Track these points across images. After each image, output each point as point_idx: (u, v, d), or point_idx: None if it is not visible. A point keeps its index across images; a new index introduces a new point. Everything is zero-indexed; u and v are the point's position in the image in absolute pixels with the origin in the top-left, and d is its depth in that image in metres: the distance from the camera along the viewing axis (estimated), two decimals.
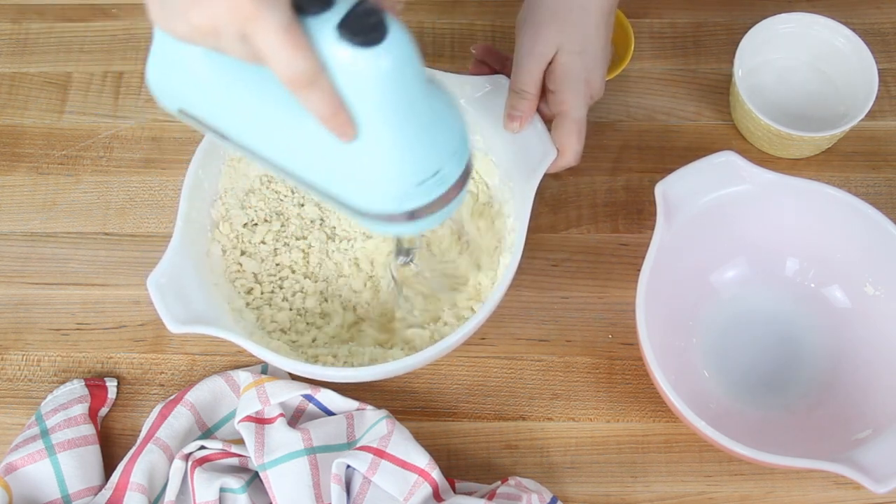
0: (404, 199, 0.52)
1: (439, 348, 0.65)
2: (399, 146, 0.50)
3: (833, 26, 0.82)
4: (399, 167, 0.51)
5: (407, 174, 0.52)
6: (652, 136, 0.84)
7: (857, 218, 0.71)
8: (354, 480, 0.66)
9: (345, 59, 0.47)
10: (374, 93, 0.48)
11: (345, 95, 0.49)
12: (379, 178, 0.52)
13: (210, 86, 0.53)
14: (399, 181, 0.52)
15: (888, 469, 0.62)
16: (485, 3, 0.90)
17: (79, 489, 0.68)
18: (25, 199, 0.82)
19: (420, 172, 0.52)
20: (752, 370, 0.74)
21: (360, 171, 0.52)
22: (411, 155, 0.51)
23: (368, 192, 0.53)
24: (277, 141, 0.54)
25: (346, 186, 0.53)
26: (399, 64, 0.48)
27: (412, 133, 0.50)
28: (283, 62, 0.47)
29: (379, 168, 0.51)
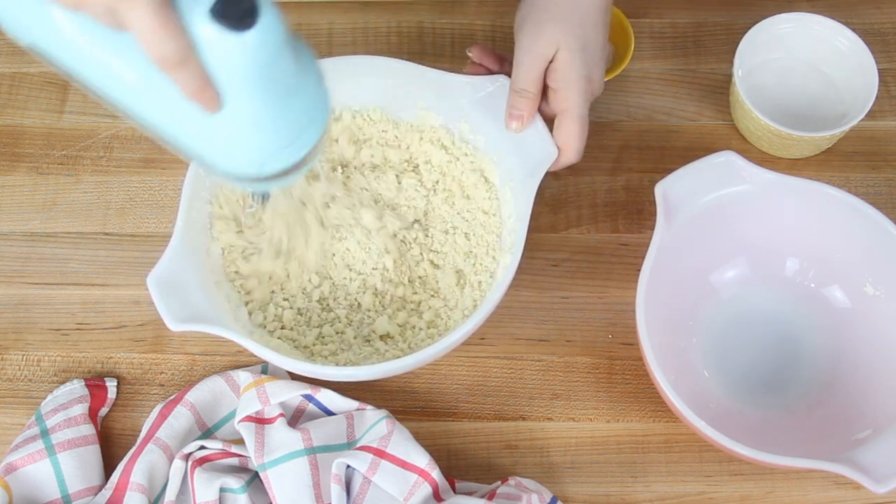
0: (265, 163, 0.55)
1: (439, 348, 0.65)
2: (261, 120, 0.53)
3: (833, 26, 0.82)
4: (260, 135, 0.54)
5: (268, 141, 0.54)
6: (652, 136, 0.84)
7: (857, 218, 0.71)
8: (354, 480, 0.66)
9: (215, 40, 0.49)
10: (241, 71, 0.50)
11: (212, 70, 0.50)
12: (239, 143, 0.54)
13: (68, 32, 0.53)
14: (259, 148, 0.54)
15: (888, 469, 0.62)
16: (485, 3, 0.90)
17: (79, 489, 0.68)
18: (25, 199, 0.82)
19: (279, 142, 0.55)
20: (752, 370, 0.74)
21: (220, 136, 0.54)
22: (272, 125, 0.54)
23: (227, 155, 0.55)
24: (140, 97, 0.54)
25: (209, 148, 0.55)
26: (267, 47, 0.50)
27: (274, 107, 0.53)
28: (153, 42, 0.48)
29: (241, 137, 0.54)
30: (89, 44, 0.53)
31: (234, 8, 0.48)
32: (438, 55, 0.88)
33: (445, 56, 0.88)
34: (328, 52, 0.87)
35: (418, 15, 0.90)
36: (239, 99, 0.51)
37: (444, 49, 0.88)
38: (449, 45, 0.88)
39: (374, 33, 0.89)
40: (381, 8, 0.90)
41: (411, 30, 0.89)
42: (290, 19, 0.51)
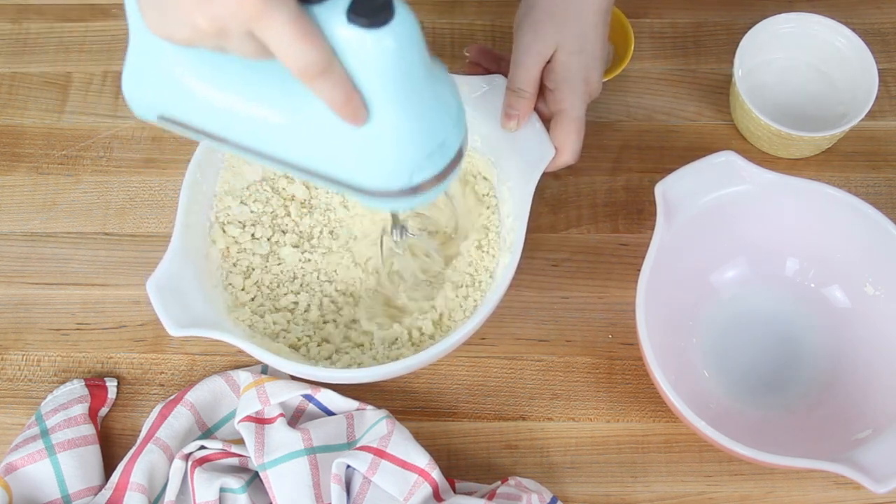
0: (414, 172, 0.54)
1: (439, 349, 0.65)
2: (408, 122, 0.52)
3: (833, 26, 0.82)
4: (409, 142, 0.53)
5: (416, 147, 0.53)
6: (652, 136, 0.84)
7: (857, 218, 0.71)
8: (354, 480, 0.66)
9: (354, 41, 0.48)
10: (384, 72, 0.50)
11: (355, 78, 0.50)
12: (389, 154, 0.53)
13: (197, 88, 0.54)
14: (409, 155, 0.53)
15: (888, 469, 0.62)
16: (485, 3, 0.90)
17: (79, 489, 0.68)
18: (25, 199, 0.82)
19: (428, 144, 0.53)
20: (752, 370, 0.74)
21: (369, 151, 0.53)
22: (419, 128, 0.53)
23: (377, 171, 0.54)
24: (274, 133, 0.54)
25: (353, 168, 0.54)
26: (406, 43, 0.49)
27: (419, 107, 0.52)
28: (295, 54, 0.47)
29: (389, 145, 0.53)
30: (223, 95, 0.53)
31: (369, 5, 0.48)
32: (438, 55, 0.87)
33: (445, 56, 0.88)
34: None
35: (418, 15, 0.88)
36: (383, 104, 0.51)
37: (443, 49, 0.88)
38: (449, 45, 0.88)
39: None
40: None
41: None
42: None
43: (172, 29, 0.49)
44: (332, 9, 0.48)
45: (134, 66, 0.55)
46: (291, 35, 0.47)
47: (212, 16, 0.47)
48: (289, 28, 0.46)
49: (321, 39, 0.48)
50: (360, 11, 0.48)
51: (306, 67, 0.48)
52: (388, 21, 0.48)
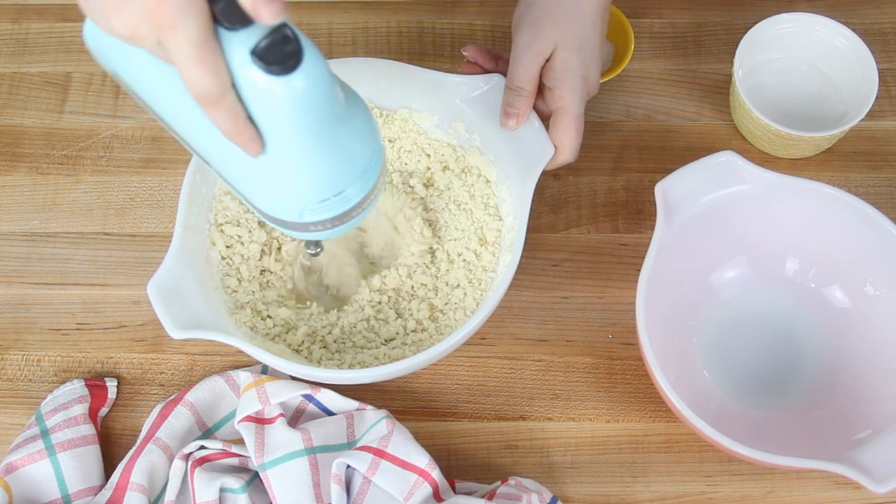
0: (304, 212, 0.54)
1: (440, 349, 0.65)
2: (303, 166, 0.52)
3: (833, 26, 0.82)
4: (302, 185, 0.53)
5: (308, 192, 0.53)
6: (652, 136, 0.84)
7: (857, 218, 0.71)
8: (354, 480, 0.66)
9: (256, 82, 0.48)
10: (284, 115, 0.49)
11: (254, 112, 0.49)
12: (282, 190, 0.54)
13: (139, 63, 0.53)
14: (301, 197, 0.54)
15: (888, 469, 0.62)
16: (485, 3, 0.90)
17: (79, 489, 0.68)
18: (25, 199, 0.82)
19: (322, 192, 0.54)
20: (752, 370, 0.74)
21: (266, 180, 0.53)
22: (314, 175, 0.53)
23: (272, 200, 0.55)
24: (196, 131, 0.54)
25: (254, 190, 0.55)
26: (310, 91, 0.49)
27: (317, 155, 0.52)
28: (191, 77, 0.48)
29: (283, 182, 0.53)
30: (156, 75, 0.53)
31: (276, 50, 0.47)
32: (438, 55, 0.88)
33: (445, 56, 0.88)
34: (328, 52, 0.87)
35: (418, 15, 0.90)
36: (281, 143, 0.51)
37: (443, 49, 0.88)
38: (449, 45, 0.88)
39: (373, 33, 0.89)
40: (381, 8, 0.90)
41: (411, 30, 0.89)
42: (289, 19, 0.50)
43: (97, 19, 0.50)
44: (240, 43, 0.47)
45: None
46: (191, 57, 0.47)
47: (125, 21, 0.48)
48: (190, 50, 0.47)
49: (220, 68, 0.48)
50: (267, 57, 0.47)
51: (199, 93, 0.48)
52: (294, 69, 0.48)
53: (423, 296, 0.74)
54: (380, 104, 0.78)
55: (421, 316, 0.73)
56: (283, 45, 0.47)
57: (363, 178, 0.55)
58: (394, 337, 0.73)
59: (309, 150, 0.51)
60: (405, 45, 0.89)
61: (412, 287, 0.74)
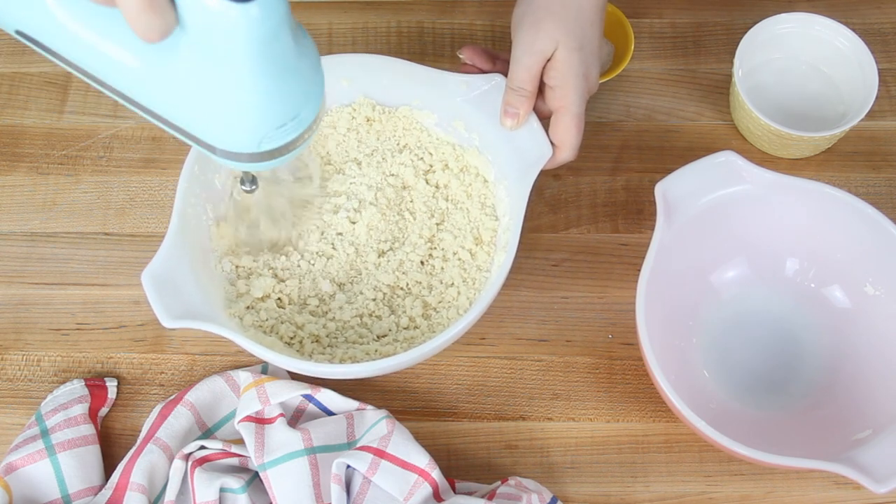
0: (263, 140, 0.54)
1: (430, 347, 0.65)
2: (263, 93, 0.52)
3: (833, 26, 0.82)
4: (262, 113, 0.53)
5: (269, 119, 0.53)
6: (652, 136, 0.84)
7: (857, 218, 0.71)
8: (354, 480, 0.66)
9: (217, 10, 0.48)
10: (243, 43, 0.49)
11: (214, 42, 0.49)
12: (240, 120, 0.53)
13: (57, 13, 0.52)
14: (261, 125, 0.54)
15: (888, 469, 0.62)
16: (485, 3, 0.90)
17: (79, 489, 0.68)
18: (25, 199, 0.82)
19: (281, 117, 0.54)
20: (752, 370, 0.74)
21: (221, 113, 0.53)
22: (275, 101, 0.53)
23: (227, 133, 0.54)
24: (129, 74, 0.54)
25: (204, 125, 0.55)
26: (269, 18, 0.49)
27: (276, 81, 0.52)
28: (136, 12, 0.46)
29: (240, 111, 0.53)
30: (82, 26, 0.52)
31: None
32: (438, 55, 0.88)
33: (445, 56, 0.88)
34: (328, 51, 0.87)
35: (418, 15, 0.90)
36: (239, 72, 0.51)
37: (443, 49, 0.88)
38: (449, 45, 0.89)
39: (374, 33, 0.89)
40: (381, 8, 0.90)
41: (411, 30, 0.89)
42: None
43: None
44: None
45: None
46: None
47: None
48: None
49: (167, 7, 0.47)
50: None
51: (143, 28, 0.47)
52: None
53: (416, 293, 0.74)
54: (381, 101, 0.79)
55: (414, 313, 0.73)
56: None
57: (314, 99, 0.55)
58: (386, 333, 0.73)
59: (268, 75, 0.51)
60: (405, 45, 0.89)
61: (406, 284, 0.74)
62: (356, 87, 0.78)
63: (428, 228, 0.76)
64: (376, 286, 0.74)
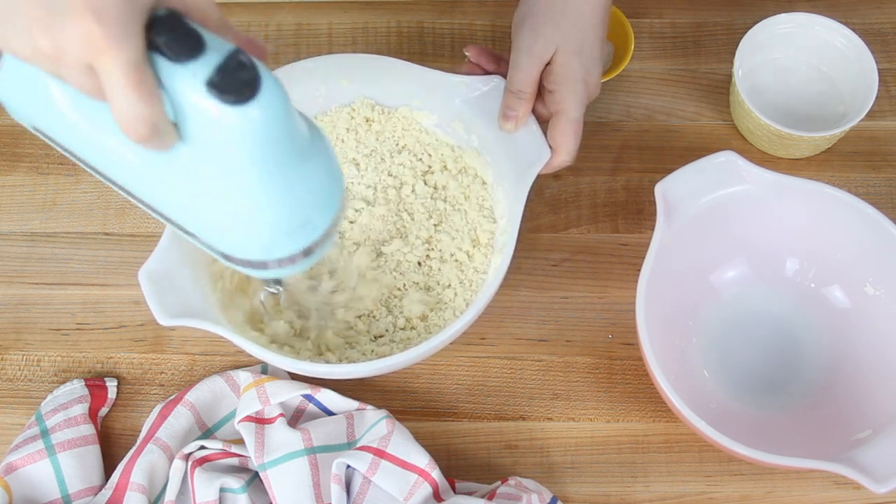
0: (272, 248, 0.52)
1: (425, 348, 0.65)
2: (268, 198, 0.49)
3: (833, 26, 0.82)
4: (264, 220, 0.50)
5: (275, 226, 0.51)
6: (652, 136, 0.84)
7: (857, 218, 0.71)
8: (354, 480, 0.66)
9: (213, 114, 0.46)
10: (243, 146, 0.47)
11: (213, 146, 0.47)
12: (246, 227, 0.51)
13: (65, 111, 0.51)
14: (267, 232, 0.51)
15: (888, 469, 0.62)
16: (485, 3, 0.90)
17: (79, 489, 0.68)
18: (25, 199, 0.82)
19: (288, 224, 0.51)
20: (752, 370, 0.74)
21: (228, 219, 0.51)
22: (280, 207, 0.50)
23: (235, 240, 0.52)
24: (141, 178, 0.52)
25: (213, 232, 0.52)
26: (270, 119, 0.47)
27: (281, 185, 0.50)
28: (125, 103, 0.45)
29: (245, 218, 0.50)
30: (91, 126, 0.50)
31: (233, 78, 0.45)
32: (438, 55, 0.88)
33: (445, 56, 0.88)
34: (328, 51, 0.87)
35: (418, 15, 0.90)
36: (242, 177, 0.48)
37: (443, 49, 0.88)
38: (449, 45, 0.88)
39: (374, 33, 0.89)
40: (381, 8, 0.90)
41: (411, 30, 0.89)
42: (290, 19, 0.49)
43: (13, 43, 0.45)
44: (193, 74, 0.45)
45: (10, 70, 0.51)
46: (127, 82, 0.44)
47: (54, 39, 0.44)
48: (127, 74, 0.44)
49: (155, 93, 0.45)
50: (223, 86, 0.45)
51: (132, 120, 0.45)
52: (252, 98, 0.45)
53: (414, 294, 0.74)
54: (380, 101, 0.79)
55: (411, 314, 0.73)
56: (239, 71, 0.45)
57: (328, 205, 0.53)
58: (383, 334, 0.73)
59: (273, 179, 0.49)
60: (405, 45, 0.89)
61: (404, 285, 0.74)
62: (356, 88, 0.78)
63: (426, 229, 0.76)
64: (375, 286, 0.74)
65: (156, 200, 0.53)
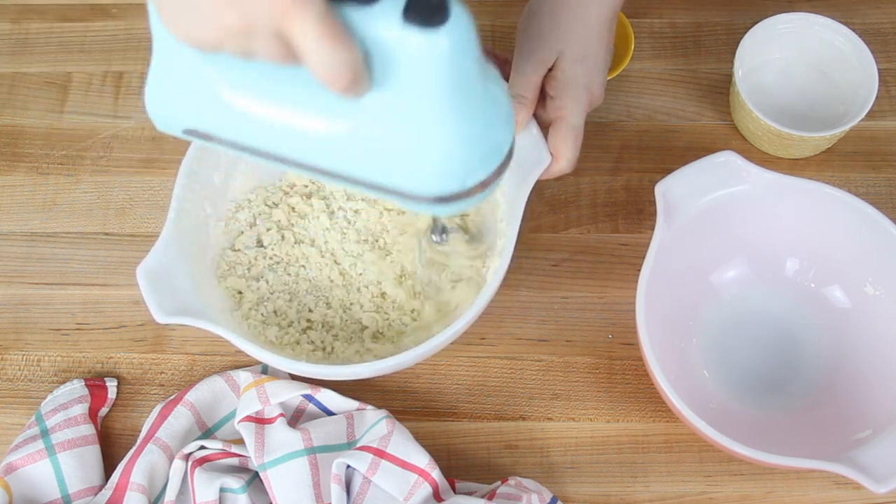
0: (468, 175, 0.52)
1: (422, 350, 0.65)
2: (464, 125, 0.50)
3: (833, 26, 0.82)
4: (465, 145, 0.51)
5: (471, 151, 0.52)
6: (652, 136, 0.84)
7: (857, 218, 0.71)
8: (354, 480, 0.66)
9: (408, 43, 0.47)
10: (439, 75, 0.48)
11: (406, 81, 0.48)
12: (443, 159, 0.51)
13: (230, 98, 0.52)
14: (464, 159, 0.52)
15: (888, 469, 0.62)
16: (485, 3, 0.90)
17: (79, 489, 0.68)
18: (25, 199, 0.82)
19: (482, 147, 0.52)
20: (752, 370, 0.74)
21: (421, 156, 0.51)
22: (474, 131, 0.51)
23: (429, 176, 0.52)
24: (316, 142, 0.52)
25: (402, 174, 0.53)
26: (461, 44, 0.48)
27: (474, 110, 0.51)
28: (326, 56, 0.45)
29: (444, 149, 0.51)
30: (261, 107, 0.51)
31: (426, 4, 0.46)
32: None
33: None
34: None
35: None
36: (437, 108, 0.49)
37: None
38: None
39: None
40: None
41: None
42: None
43: (196, 30, 0.47)
44: (384, 9, 0.46)
45: (158, 79, 0.53)
46: (324, 34, 0.45)
47: (241, 12, 0.45)
48: (321, 27, 0.44)
49: (352, 41, 0.46)
50: (417, 12, 0.46)
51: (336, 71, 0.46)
52: (445, 22, 0.46)
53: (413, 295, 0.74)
54: None
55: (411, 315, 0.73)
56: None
57: (508, 125, 0.54)
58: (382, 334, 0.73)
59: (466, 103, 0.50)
60: None
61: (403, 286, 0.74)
62: None
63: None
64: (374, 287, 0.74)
65: (341, 163, 0.53)
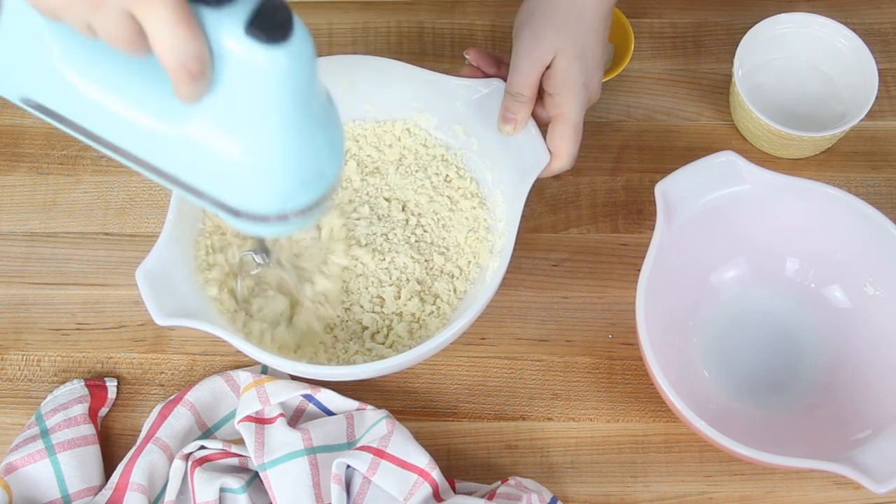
0: (289, 198, 0.52)
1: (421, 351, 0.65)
2: (290, 143, 0.50)
3: (833, 26, 0.82)
4: (289, 167, 0.51)
5: (295, 174, 0.51)
6: (652, 136, 0.84)
7: (857, 218, 0.71)
8: (354, 480, 0.66)
9: (248, 55, 0.46)
10: (274, 90, 0.48)
11: (241, 94, 0.48)
12: (266, 178, 0.51)
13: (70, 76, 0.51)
14: (287, 181, 0.51)
15: (888, 469, 0.62)
16: (485, 3, 0.90)
17: (79, 489, 0.68)
18: (25, 199, 0.82)
19: (307, 172, 0.52)
20: (752, 370, 0.74)
21: (245, 171, 0.51)
22: (300, 152, 0.51)
23: (251, 193, 0.52)
24: (147, 138, 0.52)
25: (226, 187, 0.52)
26: (301, 63, 0.47)
27: (302, 131, 0.50)
28: (175, 43, 0.44)
29: (267, 167, 0.51)
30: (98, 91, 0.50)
31: (271, 19, 0.46)
32: (438, 55, 0.88)
33: (445, 56, 0.88)
34: (328, 51, 0.87)
35: (418, 15, 0.90)
36: (268, 122, 0.49)
37: (443, 49, 0.88)
38: (449, 46, 0.88)
39: (374, 33, 0.89)
40: (381, 8, 0.90)
41: (411, 30, 0.89)
42: None
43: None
44: (228, 17, 0.46)
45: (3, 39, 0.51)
46: (176, 21, 0.43)
47: None
48: (174, 13, 0.43)
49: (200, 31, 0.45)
50: (261, 25, 0.45)
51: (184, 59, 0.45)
52: (287, 39, 0.46)
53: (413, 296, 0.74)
54: (380, 103, 0.78)
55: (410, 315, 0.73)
56: (276, 13, 0.46)
57: (338, 156, 0.53)
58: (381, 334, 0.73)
59: (297, 124, 0.50)
60: (405, 46, 0.89)
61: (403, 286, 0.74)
62: (356, 89, 0.78)
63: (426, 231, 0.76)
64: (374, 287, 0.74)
65: (164, 161, 0.52)
